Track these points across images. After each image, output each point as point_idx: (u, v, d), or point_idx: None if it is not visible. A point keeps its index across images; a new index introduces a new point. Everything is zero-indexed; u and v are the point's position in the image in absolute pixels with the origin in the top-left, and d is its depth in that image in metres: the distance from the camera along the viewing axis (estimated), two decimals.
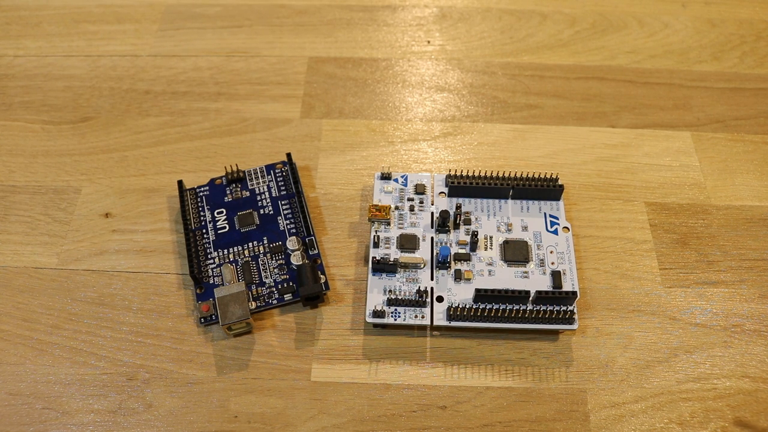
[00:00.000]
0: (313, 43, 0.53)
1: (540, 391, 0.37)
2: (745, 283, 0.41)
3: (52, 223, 0.43)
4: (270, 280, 0.40)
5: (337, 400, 0.36)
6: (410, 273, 0.39)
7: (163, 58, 0.52)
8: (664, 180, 0.45)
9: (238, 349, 0.38)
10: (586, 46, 0.53)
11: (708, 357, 0.38)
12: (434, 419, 0.36)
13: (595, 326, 0.39)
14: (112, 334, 0.39)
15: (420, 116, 0.49)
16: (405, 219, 0.41)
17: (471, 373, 0.37)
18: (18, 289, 0.40)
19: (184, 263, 0.41)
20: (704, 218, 0.43)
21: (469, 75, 0.51)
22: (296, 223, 0.42)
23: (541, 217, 0.41)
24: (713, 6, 0.56)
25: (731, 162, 0.46)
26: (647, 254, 0.42)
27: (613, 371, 0.37)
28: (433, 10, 0.56)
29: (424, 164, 0.46)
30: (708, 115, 0.49)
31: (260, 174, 0.44)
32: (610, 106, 0.49)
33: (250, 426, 0.36)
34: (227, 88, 0.50)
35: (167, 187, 0.45)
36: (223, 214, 0.42)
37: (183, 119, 0.48)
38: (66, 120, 0.48)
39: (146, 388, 0.37)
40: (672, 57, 0.52)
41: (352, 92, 0.50)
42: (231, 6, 0.56)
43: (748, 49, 0.53)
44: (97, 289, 0.40)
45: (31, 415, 0.36)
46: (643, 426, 0.36)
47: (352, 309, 0.40)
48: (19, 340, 0.38)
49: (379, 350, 0.38)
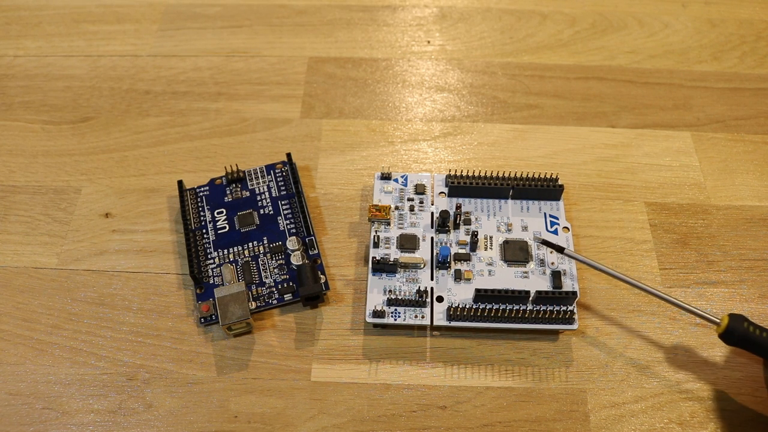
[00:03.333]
0: (313, 43, 0.53)
1: (540, 391, 0.37)
2: (745, 283, 0.41)
3: (52, 223, 0.43)
4: (270, 280, 0.40)
5: (337, 400, 0.36)
6: (410, 273, 0.39)
7: (163, 58, 0.52)
8: (664, 180, 0.45)
9: (238, 349, 0.38)
10: (586, 46, 0.53)
11: (708, 357, 0.38)
12: (434, 419, 0.36)
13: (595, 326, 0.39)
14: (112, 334, 0.39)
15: (420, 116, 0.49)
16: (405, 219, 0.41)
17: (471, 373, 0.37)
18: (18, 289, 0.40)
19: (184, 263, 0.41)
20: (704, 218, 0.43)
21: (469, 75, 0.51)
22: (296, 223, 0.42)
23: (541, 217, 0.41)
24: (713, 6, 0.56)
25: (731, 162, 0.46)
26: (647, 254, 0.42)
27: (613, 371, 0.37)
28: (433, 10, 0.56)
29: (424, 164, 0.46)
30: (708, 115, 0.49)
31: (260, 174, 0.44)
32: (610, 106, 0.49)
33: (250, 426, 0.36)
34: (227, 88, 0.50)
35: (167, 187, 0.45)
36: (223, 214, 0.42)
37: (183, 119, 0.48)
38: (66, 120, 0.48)
39: (146, 388, 0.37)
40: (672, 57, 0.52)
41: (352, 92, 0.50)
42: (231, 6, 0.56)
43: (748, 49, 0.53)
44: (97, 289, 0.40)
45: (31, 415, 0.36)
46: (643, 426, 0.36)
47: (352, 309, 0.40)
48: (19, 340, 0.38)
49: (379, 350, 0.38)
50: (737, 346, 0.35)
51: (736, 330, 0.34)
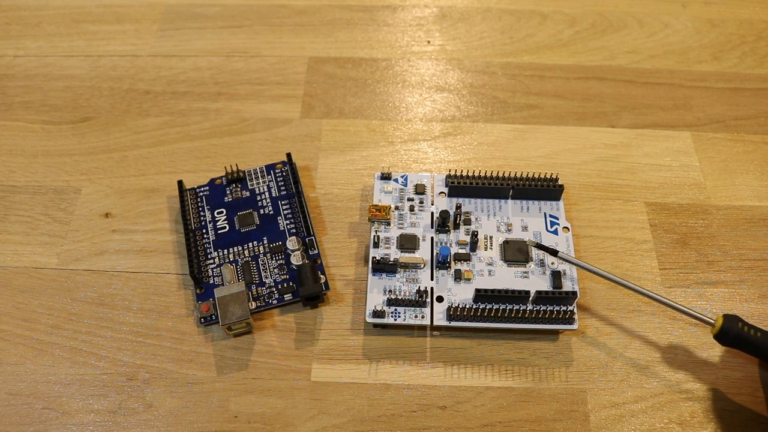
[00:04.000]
0: (313, 43, 0.53)
1: (540, 391, 0.37)
2: (745, 283, 0.41)
3: (52, 223, 0.43)
4: (270, 280, 0.40)
5: (337, 400, 0.36)
6: (410, 273, 0.39)
7: (163, 58, 0.52)
8: (664, 180, 0.45)
9: (238, 349, 0.38)
10: (586, 46, 0.53)
11: (708, 357, 0.38)
12: (434, 419, 0.36)
13: (595, 326, 0.39)
14: (112, 334, 0.39)
15: (420, 116, 0.49)
16: (405, 219, 0.41)
17: (471, 373, 0.37)
18: (18, 289, 0.40)
19: (184, 263, 0.41)
20: (704, 218, 0.43)
21: (469, 75, 0.51)
22: (296, 223, 0.42)
23: (541, 217, 0.41)
24: (713, 6, 0.56)
25: (731, 162, 0.46)
26: (647, 254, 0.42)
27: (613, 371, 0.37)
28: (433, 10, 0.56)
29: (424, 164, 0.46)
30: (708, 115, 0.49)
31: (260, 174, 0.44)
32: (610, 106, 0.49)
33: (250, 426, 0.36)
34: (227, 88, 0.50)
35: (167, 187, 0.45)
36: (223, 214, 0.42)
37: (183, 119, 0.48)
38: (66, 120, 0.48)
39: (146, 388, 0.37)
40: (672, 57, 0.52)
41: (352, 92, 0.50)
42: (231, 6, 0.56)
43: (748, 49, 0.53)
44: (97, 289, 0.40)
45: (31, 415, 0.36)
46: (643, 426, 0.36)
47: (352, 309, 0.40)
48: (19, 340, 0.38)
49: (379, 350, 0.38)
50: (732, 347, 0.35)
51: (731, 330, 0.34)
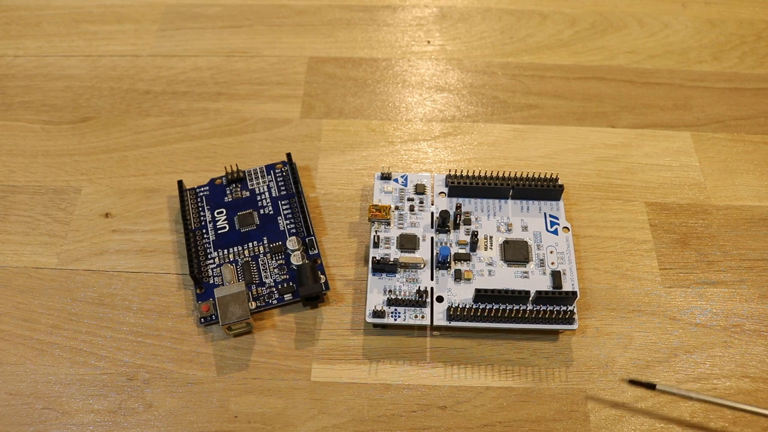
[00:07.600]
0: (313, 43, 0.53)
1: (540, 391, 0.37)
2: (745, 283, 0.41)
3: (52, 223, 0.43)
4: (270, 280, 0.40)
5: (337, 400, 0.36)
6: (410, 273, 0.39)
7: (163, 58, 0.52)
8: (664, 180, 0.45)
9: (238, 349, 0.38)
10: (586, 46, 0.53)
11: (708, 357, 0.38)
12: (434, 419, 0.36)
13: (595, 326, 0.39)
14: (112, 334, 0.39)
15: (420, 116, 0.49)
16: (405, 219, 0.41)
17: (471, 373, 0.37)
18: (18, 289, 0.40)
19: (184, 263, 0.41)
20: (704, 218, 0.43)
21: (469, 75, 0.51)
22: (296, 223, 0.42)
23: (541, 217, 0.41)
24: (713, 6, 0.56)
25: (731, 162, 0.46)
26: (647, 254, 0.42)
27: (613, 371, 0.37)
28: (433, 10, 0.56)
29: (424, 164, 0.46)
30: (708, 115, 0.49)
31: (260, 174, 0.44)
32: (610, 106, 0.49)
33: (250, 426, 0.36)
34: (227, 88, 0.50)
35: (167, 187, 0.45)
36: (223, 214, 0.42)
37: (183, 119, 0.48)
38: (66, 120, 0.48)
39: (146, 388, 0.37)
40: (672, 57, 0.52)
41: (352, 92, 0.50)
42: (231, 6, 0.56)
43: (748, 49, 0.53)
44: (97, 289, 0.40)
45: (31, 415, 0.36)
46: (643, 426, 0.36)
47: (352, 309, 0.40)
48: (19, 340, 0.38)
49: (379, 350, 0.38)
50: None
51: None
